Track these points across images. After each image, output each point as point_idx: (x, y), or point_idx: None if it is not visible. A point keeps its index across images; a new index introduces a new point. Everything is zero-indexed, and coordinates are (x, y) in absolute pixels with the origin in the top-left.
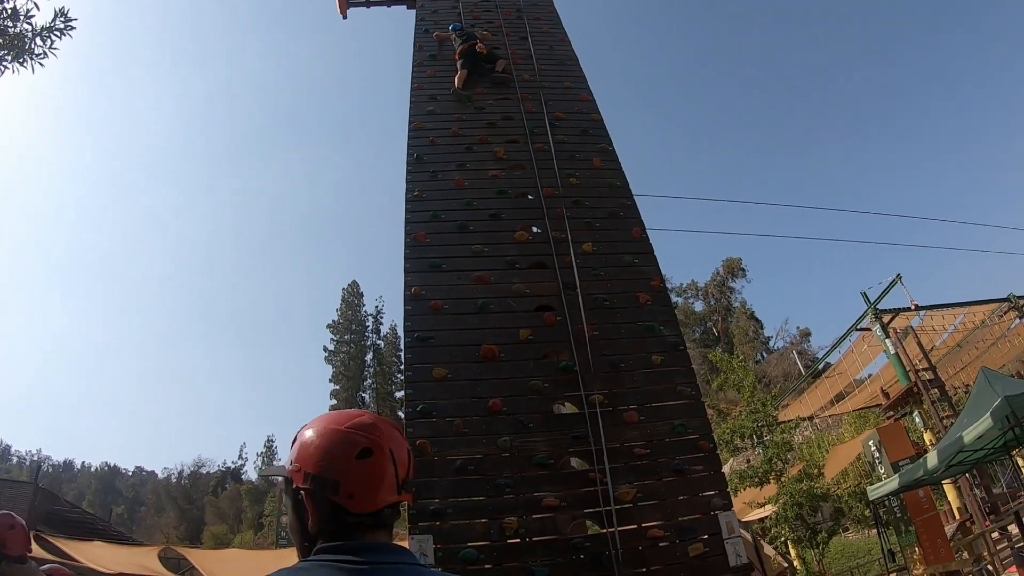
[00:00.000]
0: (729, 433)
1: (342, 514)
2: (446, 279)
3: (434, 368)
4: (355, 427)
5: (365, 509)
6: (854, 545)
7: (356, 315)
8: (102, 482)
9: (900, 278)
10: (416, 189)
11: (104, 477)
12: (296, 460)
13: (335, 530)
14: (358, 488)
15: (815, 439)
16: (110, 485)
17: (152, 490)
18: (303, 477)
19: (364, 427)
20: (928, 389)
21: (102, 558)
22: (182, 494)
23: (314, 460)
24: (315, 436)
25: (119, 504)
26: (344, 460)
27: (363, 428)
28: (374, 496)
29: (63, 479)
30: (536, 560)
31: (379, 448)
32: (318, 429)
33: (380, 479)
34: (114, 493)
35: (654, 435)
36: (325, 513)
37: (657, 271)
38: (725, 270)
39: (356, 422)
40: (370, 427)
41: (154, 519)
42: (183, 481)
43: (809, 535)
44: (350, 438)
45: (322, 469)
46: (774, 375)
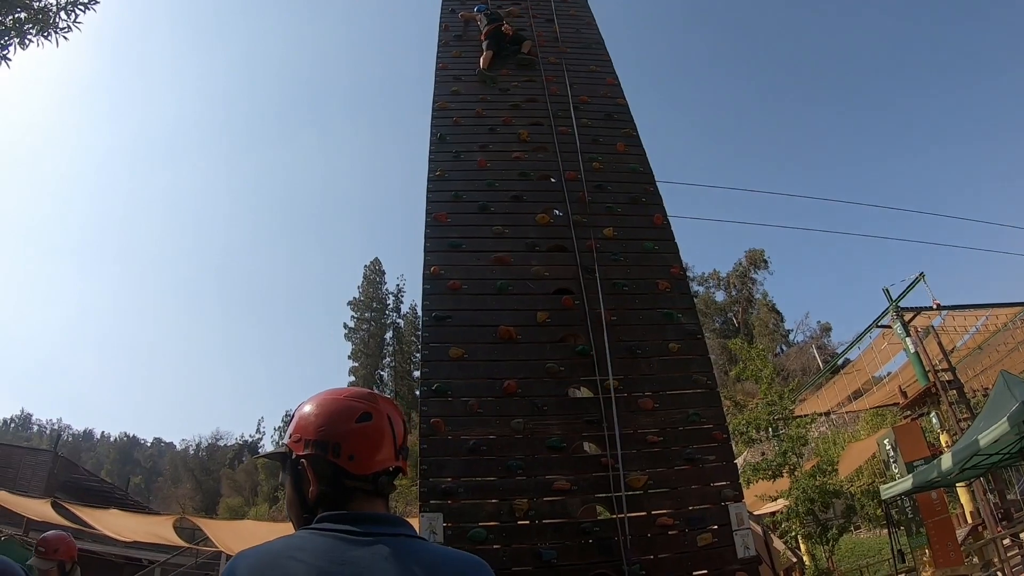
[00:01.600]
0: (745, 424)
1: (342, 477)
2: (465, 259)
3: (451, 348)
4: (353, 396)
5: (365, 471)
6: (864, 544)
7: (377, 293)
8: (120, 452)
9: (923, 276)
10: (438, 169)
11: (122, 447)
12: (295, 432)
13: (335, 495)
14: (358, 450)
15: (831, 435)
16: (128, 455)
17: (170, 461)
18: (303, 445)
19: (362, 396)
20: (947, 390)
21: (118, 526)
22: (199, 466)
23: (315, 427)
24: (314, 407)
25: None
26: (345, 424)
27: (361, 396)
28: (374, 458)
29: (82, 448)
30: (545, 542)
31: (378, 413)
32: (316, 402)
33: (379, 442)
34: (132, 463)
35: (668, 423)
36: (325, 477)
37: (677, 258)
38: (748, 261)
39: (354, 392)
40: (368, 396)
41: (171, 490)
42: (200, 453)
43: (820, 531)
44: (349, 404)
45: (323, 434)
46: (792, 369)
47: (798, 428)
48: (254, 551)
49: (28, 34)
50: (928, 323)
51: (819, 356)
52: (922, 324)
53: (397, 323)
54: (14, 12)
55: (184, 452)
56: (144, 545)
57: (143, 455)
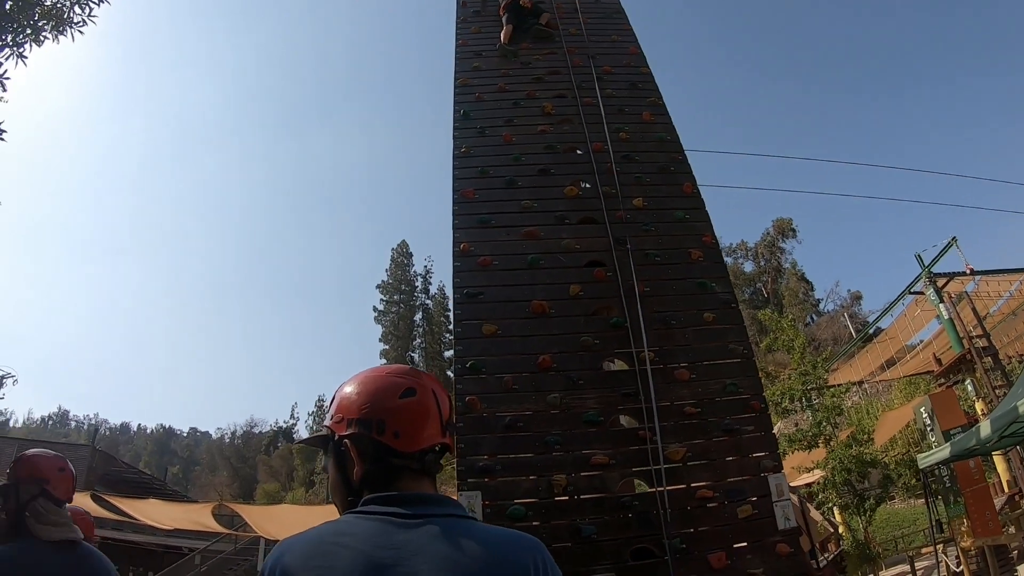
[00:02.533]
0: (779, 395)
1: (388, 456)
2: (495, 235)
3: (484, 324)
4: (394, 373)
5: (411, 448)
6: (900, 514)
7: (405, 275)
8: (157, 443)
9: (955, 241)
10: (463, 146)
11: (159, 438)
12: (336, 412)
13: (381, 474)
14: (404, 426)
15: (863, 405)
16: (165, 446)
17: (206, 450)
18: (346, 424)
19: (404, 372)
20: (981, 357)
21: (158, 515)
22: (235, 453)
23: (357, 405)
24: (355, 386)
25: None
26: (389, 400)
27: (403, 372)
28: (420, 434)
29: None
30: (584, 518)
31: (422, 388)
32: (357, 380)
33: (425, 417)
34: (169, 454)
35: (705, 394)
36: (370, 457)
37: (709, 227)
38: (775, 230)
39: (395, 369)
40: (410, 371)
41: (208, 478)
42: (236, 441)
43: (857, 501)
44: (392, 381)
45: (366, 412)
46: (824, 338)
47: (833, 398)
48: (299, 539)
49: (43, 30)
50: (961, 289)
51: (851, 325)
52: (955, 290)
53: (426, 304)
54: (30, 11)
55: (220, 441)
56: (183, 533)
57: (180, 445)
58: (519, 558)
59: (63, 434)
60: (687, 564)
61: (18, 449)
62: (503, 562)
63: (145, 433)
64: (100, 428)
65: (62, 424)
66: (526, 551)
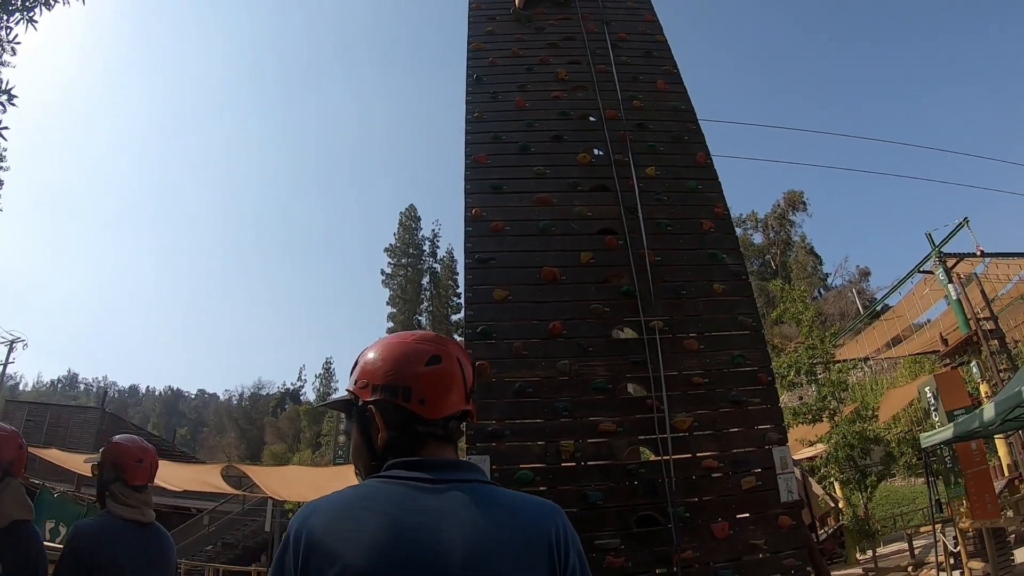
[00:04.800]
0: (786, 368)
1: (413, 423)
2: (507, 200)
3: (495, 290)
4: (421, 339)
5: (437, 415)
6: (899, 492)
7: (413, 238)
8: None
9: (967, 222)
10: (476, 111)
11: (167, 400)
12: (361, 378)
13: (406, 441)
14: (429, 393)
15: (868, 381)
16: (173, 408)
17: (214, 412)
18: (371, 390)
19: (430, 338)
20: (988, 339)
21: (168, 476)
22: (243, 415)
23: (383, 371)
24: (380, 352)
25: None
26: (414, 367)
27: (429, 339)
28: (445, 401)
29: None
30: (591, 484)
31: (447, 355)
32: (381, 346)
33: (450, 384)
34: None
35: (713, 365)
36: (395, 423)
37: (721, 198)
38: (786, 203)
39: (421, 335)
40: (436, 338)
41: (216, 439)
42: (244, 403)
43: (858, 477)
44: (418, 348)
45: (392, 378)
46: (831, 313)
47: (839, 373)
48: (323, 503)
49: None
50: (971, 270)
51: (859, 301)
52: (965, 271)
53: (434, 268)
54: None
55: (227, 402)
56: (192, 494)
57: (188, 407)
58: (542, 524)
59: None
60: (690, 533)
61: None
62: (527, 527)
63: (153, 395)
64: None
65: (71, 387)
66: (548, 517)
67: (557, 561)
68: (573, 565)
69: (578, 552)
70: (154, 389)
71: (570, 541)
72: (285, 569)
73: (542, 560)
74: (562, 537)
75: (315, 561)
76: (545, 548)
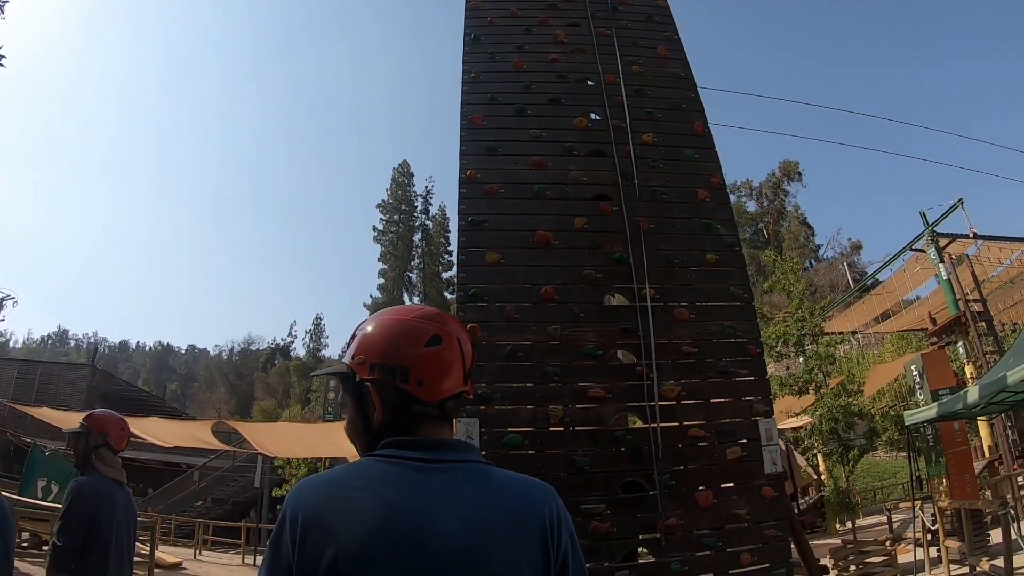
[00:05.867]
0: (774, 339)
1: (410, 403)
2: (502, 163)
3: (487, 253)
4: (421, 317)
5: (435, 396)
6: (881, 465)
7: (406, 195)
8: (156, 360)
9: (962, 203)
10: (473, 71)
11: (158, 356)
12: (359, 353)
13: (402, 421)
14: (428, 375)
15: (855, 355)
16: (164, 363)
17: (204, 367)
18: (368, 368)
19: (431, 316)
20: (976, 321)
21: (159, 432)
22: (233, 370)
23: (381, 349)
24: (379, 328)
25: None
26: (413, 347)
27: (430, 317)
28: (443, 383)
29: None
30: (578, 449)
31: (447, 336)
32: (381, 321)
33: (449, 366)
34: (168, 371)
35: (703, 334)
36: (392, 403)
37: (717, 168)
38: (781, 172)
39: (422, 313)
40: (437, 316)
41: (206, 395)
42: (234, 358)
43: (841, 451)
44: (418, 326)
45: (390, 357)
46: (821, 285)
47: (827, 346)
48: (317, 481)
49: None
50: (963, 251)
51: (849, 274)
52: (956, 252)
53: (426, 225)
54: None
55: (218, 358)
56: (183, 450)
57: (178, 362)
58: (536, 505)
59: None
60: (675, 500)
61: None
62: (522, 507)
63: (144, 351)
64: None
65: (62, 343)
66: (542, 498)
67: (550, 542)
68: (565, 546)
69: (570, 533)
70: (144, 344)
71: (563, 522)
72: (283, 547)
73: (535, 541)
74: (555, 518)
75: (312, 539)
76: (538, 529)
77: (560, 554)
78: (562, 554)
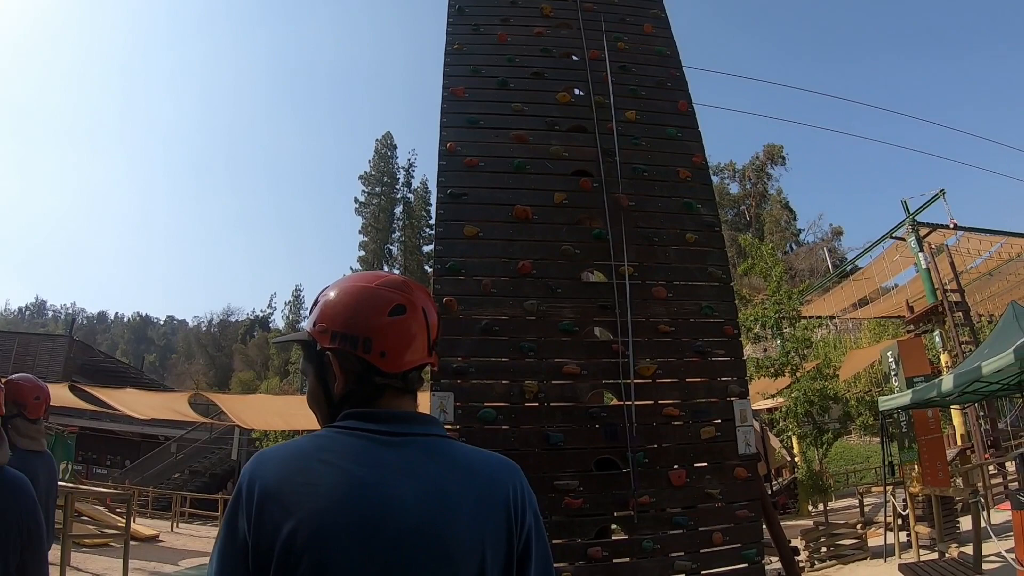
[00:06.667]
0: (752, 320)
1: (372, 374)
2: (483, 136)
3: (465, 226)
4: (386, 284)
5: (397, 368)
6: (854, 449)
7: (388, 167)
8: (134, 332)
9: (943, 193)
10: (457, 42)
11: (136, 327)
12: (320, 321)
13: (363, 392)
14: (391, 346)
15: (831, 340)
16: (142, 334)
17: (183, 339)
18: (330, 337)
19: (395, 284)
20: (953, 311)
21: (136, 404)
22: (212, 342)
23: (343, 318)
24: (342, 295)
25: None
26: (376, 317)
27: (394, 285)
28: (407, 354)
29: (97, 330)
30: (553, 425)
31: (412, 305)
32: (344, 288)
33: (413, 337)
34: (146, 342)
35: (680, 314)
36: (354, 373)
37: (700, 147)
38: (765, 155)
39: (386, 280)
40: (402, 284)
41: (184, 366)
42: (213, 329)
43: (815, 433)
44: (382, 295)
45: (352, 327)
46: (801, 268)
47: (804, 330)
48: (277, 453)
49: None
50: (942, 241)
51: (829, 259)
52: (936, 241)
53: (407, 197)
54: None
55: (196, 329)
56: (160, 422)
57: (156, 334)
58: (500, 482)
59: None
60: (648, 479)
61: None
62: (485, 484)
63: (122, 322)
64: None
65: (39, 314)
66: (506, 476)
67: (514, 520)
68: (529, 525)
69: (535, 512)
70: (123, 316)
71: (527, 500)
72: (239, 521)
73: (499, 519)
74: (520, 496)
75: (270, 513)
76: (502, 507)
77: (524, 533)
78: (526, 533)
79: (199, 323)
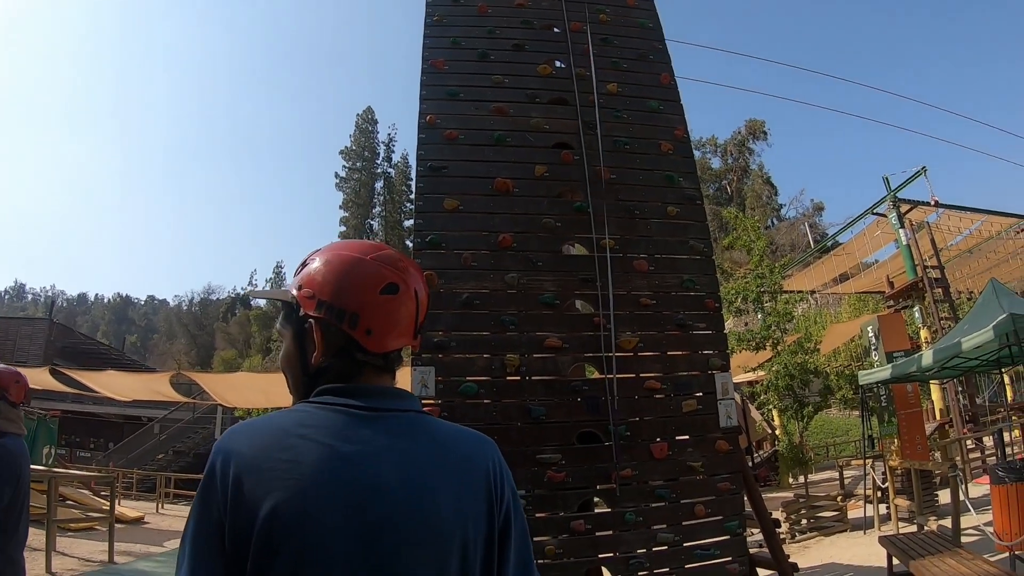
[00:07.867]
0: (733, 294)
1: (354, 350)
2: (463, 108)
3: (445, 199)
4: (381, 259)
5: (381, 348)
6: (834, 422)
7: (369, 142)
8: (115, 312)
9: (925, 171)
10: (436, 14)
11: (117, 308)
12: (307, 285)
13: (342, 367)
14: (378, 325)
15: (811, 314)
16: (123, 315)
17: (164, 318)
18: (315, 304)
19: (390, 260)
20: (933, 287)
21: (117, 386)
22: (193, 321)
23: (332, 288)
24: (334, 262)
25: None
26: (368, 293)
27: (389, 262)
28: (392, 335)
29: (77, 312)
30: (534, 398)
31: (405, 285)
32: (337, 256)
33: (401, 319)
34: (127, 323)
35: (662, 287)
36: (335, 347)
37: (682, 120)
38: (747, 130)
39: (381, 254)
40: (397, 261)
41: (166, 346)
42: (194, 308)
43: (796, 407)
44: (376, 270)
45: (341, 299)
46: (782, 243)
47: (785, 304)
48: (253, 426)
49: None
50: (923, 218)
51: (810, 234)
52: (917, 218)
53: (388, 173)
54: None
55: (177, 308)
56: (143, 403)
57: (137, 314)
58: (479, 457)
59: (20, 308)
60: (630, 451)
61: None
62: (464, 460)
63: (103, 303)
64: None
65: (19, 297)
66: (484, 451)
67: (494, 496)
68: (508, 500)
69: (512, 487)
70: (103, 297)
71: (505, 475)
72: (212, 500)
73: (480, 494)
74: (497, 471)
75: (248, 490)
76: (483, 483)
77: (504, 508)
78: (505, 508)
79: (180, 302)
